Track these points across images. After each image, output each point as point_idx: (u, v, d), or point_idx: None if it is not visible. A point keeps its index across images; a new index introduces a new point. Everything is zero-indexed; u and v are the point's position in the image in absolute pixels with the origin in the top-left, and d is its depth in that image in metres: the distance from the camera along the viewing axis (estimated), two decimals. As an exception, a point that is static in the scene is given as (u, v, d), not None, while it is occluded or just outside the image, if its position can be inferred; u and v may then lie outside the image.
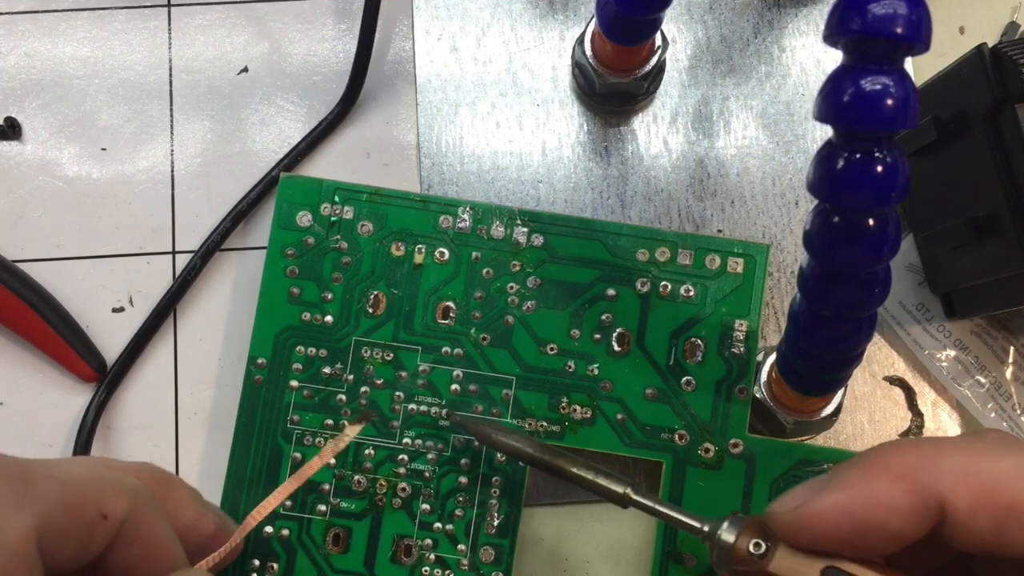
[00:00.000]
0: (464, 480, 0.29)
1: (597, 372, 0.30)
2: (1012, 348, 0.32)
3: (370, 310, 0.30)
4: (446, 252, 0.30)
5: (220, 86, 0.34)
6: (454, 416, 0.29)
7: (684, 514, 0.24)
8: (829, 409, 0.29)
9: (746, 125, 0.33)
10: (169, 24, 0.35)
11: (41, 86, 0.34)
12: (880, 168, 0.19)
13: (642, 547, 0.31)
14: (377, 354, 0.30)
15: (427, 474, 0.29)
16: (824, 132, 0.33)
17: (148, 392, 0.32)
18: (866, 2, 0.18)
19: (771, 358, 0.29)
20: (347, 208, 0.31)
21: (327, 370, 0.30)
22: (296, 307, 0.30)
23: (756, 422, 0.30)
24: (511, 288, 0.30)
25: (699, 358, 0.30)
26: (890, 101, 0.18)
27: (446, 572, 0.29)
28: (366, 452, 0.29)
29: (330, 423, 0.30)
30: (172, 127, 0.34)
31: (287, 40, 0.35)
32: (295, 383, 0.30)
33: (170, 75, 0.34)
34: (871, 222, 0.20)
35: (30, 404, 0.32)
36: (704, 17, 0.34)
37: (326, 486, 0.29)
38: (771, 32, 0.34)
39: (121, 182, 0.33)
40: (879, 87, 0.18)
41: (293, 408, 0.30)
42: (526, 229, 0.30)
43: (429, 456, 0.29)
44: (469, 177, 0.33)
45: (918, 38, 0.18)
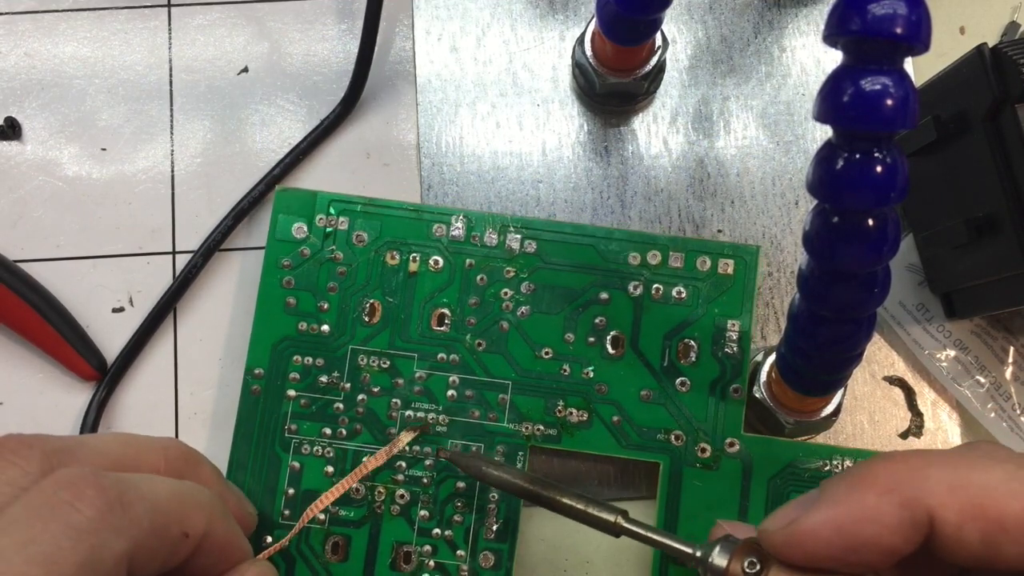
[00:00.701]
0: (462, 485, 0.29)
1: (592, 375, 0.30)
2: (1012, 348, 0.32)
3: (366, 319, 0.30)
4: (440, 260, 0.30)
5: (220, 86, 0.34)
6: (443, 452, 0.29)
7: (676, 540, 0.24)
8: (829, 409, 0.29)
9: (746, 125, 0.33)
10: (169, 24, 0.35)
11: (41, 86, 0.34)
12: (880, 168, 0.19)
13: (642, 547, 0.31)
14: (374, 362, 0.30)
15: (425, 480, 0.29)
16: (824, 132, 0.33)
17: (148, 392, 0.32)
18: (866, 2, 0.18)
19: (771, 358, 0.29)
20: (342, 219, 0.31)
21: (324, 379, 0.30)
22: (293, 317, 0.30)
23: (756, 422, 0.30)
24: (505, 294, 0.30)
25: (693, 359, 0.30)
26: (890, 101, 0.18)
27: None
28: (364, 460, 0.29)
29: (328, 432, 0.30)
30: (172, 127, 0.34)
31: (287, 40, 0.35)
32: (292, 392, 0.30)
33: (170, 75, 0.34)
34: (871, 222, 0.20)
35: (30, 404, 0.32)
36: (704, 17, 0.34)
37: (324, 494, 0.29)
38: (771, 32, 0.34)
39: (121, 182, 0.34)
40: (879, 87, 0.18)
41: (291, 417, 0.30)
42: (519, 235, 0.30)
43: (427, 462, 0.29)
44: (469, 177, 0.33)
45: (918, 38, 0.18)
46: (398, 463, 0.29)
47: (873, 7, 0.18)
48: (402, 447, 0.29)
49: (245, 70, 0.34)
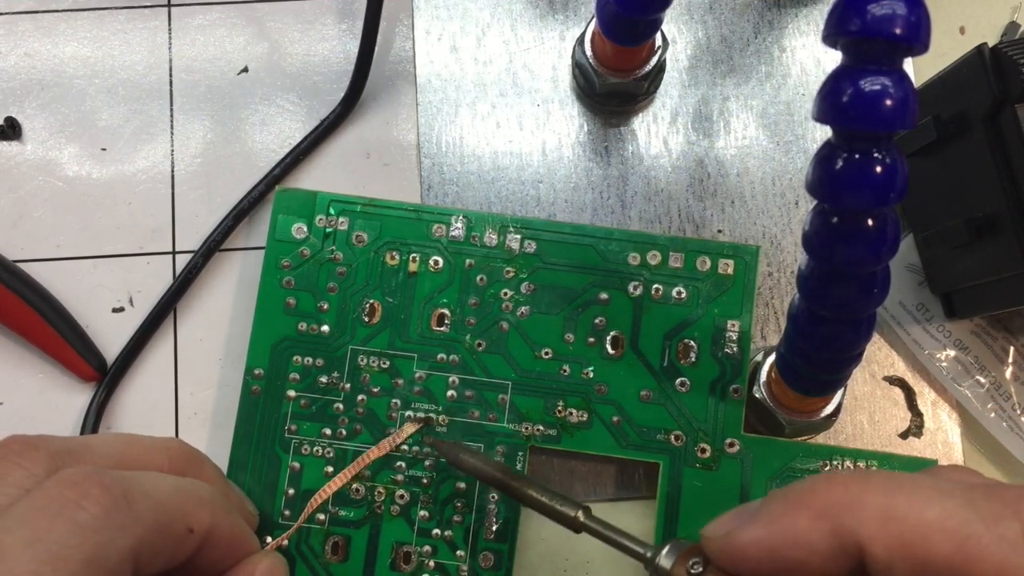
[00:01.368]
0: (462, 485, 0.29)
1: (592, 375, 0.30)
2: (1012, 348, 0.32)
3: (366, 319, 0.30)
4: (440, 260, 0.30)
5: (220, 86, 0.34)
6: (428, 438, 0.29)
7: (630, 540, 0.24)
8: (829, 409, 0.29)
9: (746, 125, 0.33)
10: (169, 24, 0.35)
11: (41, 86, 0.34)
12: (879, 168, 0.19)
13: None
14: (374, 362, 0.30)
15: (425, 480, 0.29)
16: (824, 132, 0.33)
17: (148, 392, 0.32)
18: (865, 3, 0.18)
19: (771, 358, 0.29)
20: (341, 219, 0.31)
21: (324, 379, 0.30)
22: (292, 318, 0.30)
23: (756, 422, 0.30)
24: (505, 294, 0.30)
25: (693, 359, 0.30)
26: (889, 101, 0.18)
27: None
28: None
29: (328, 432, 0.30)
30: (172, 127, 0.34)
31: (287, 40, 0.35)
32: (292, 393, 0.30)
33: (170, 75, 0.34)
34: (870, 222, 0.20)
35: (30, 404, 0.32)
36: (704, 17, 0.34)
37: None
38: (771, 32, 0.34)
39: (121, 182, 0.34)
40: (878, 88, 0.18)
41: (291, 418, 0.30)
42: (519, 236, 0.30)
43: (427, 463, 0.29)
44: (469, 177, 0.33)
45: (917, 39, 0.18)
46: (398, 463, 0.29)
47: (872, 8, 0.18)
48: (405, 439, 0.29)
49: (245, 70, 0.34)
